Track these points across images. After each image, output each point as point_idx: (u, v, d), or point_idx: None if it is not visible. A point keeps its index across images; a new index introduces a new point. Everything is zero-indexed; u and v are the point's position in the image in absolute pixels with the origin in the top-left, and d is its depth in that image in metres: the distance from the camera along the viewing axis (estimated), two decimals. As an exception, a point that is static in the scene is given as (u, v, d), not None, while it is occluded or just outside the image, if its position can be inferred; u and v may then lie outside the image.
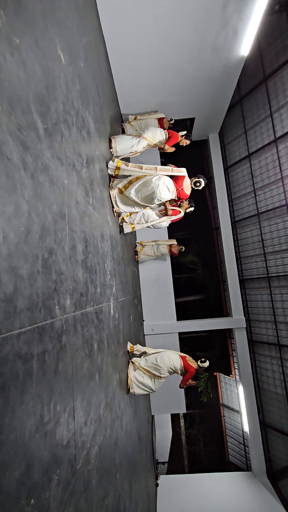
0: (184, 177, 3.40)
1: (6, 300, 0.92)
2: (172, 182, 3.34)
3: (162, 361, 3.59)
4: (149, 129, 3.75)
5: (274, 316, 6.27)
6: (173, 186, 3.34)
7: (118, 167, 3.25)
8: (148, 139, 3.64)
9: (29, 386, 1.02)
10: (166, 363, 3.58)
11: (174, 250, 6.71)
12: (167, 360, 3.59)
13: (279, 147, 5.93)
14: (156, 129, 3.79)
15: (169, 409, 7.16)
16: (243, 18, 4.15)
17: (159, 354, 3.69)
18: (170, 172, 3.34)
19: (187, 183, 3.44)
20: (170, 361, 3.59)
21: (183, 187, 3.39)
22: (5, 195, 0.97)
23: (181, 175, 3.39)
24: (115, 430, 2.43)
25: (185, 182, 3.40)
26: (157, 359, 3.62)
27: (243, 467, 7.45)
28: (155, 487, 6.24)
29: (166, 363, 3.58)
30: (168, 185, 3.28)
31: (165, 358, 3.61)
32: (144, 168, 3.26)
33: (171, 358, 3.62)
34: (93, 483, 1.69)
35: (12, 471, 0.87)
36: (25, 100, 1.20)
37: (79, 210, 1.92)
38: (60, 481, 1.21)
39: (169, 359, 3.61)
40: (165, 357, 3.62)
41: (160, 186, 3.22)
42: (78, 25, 2.40)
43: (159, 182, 3.22)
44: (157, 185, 3.22)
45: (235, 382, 7.70)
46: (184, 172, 3.39)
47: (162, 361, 3.59)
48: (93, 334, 2.01)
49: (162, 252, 6.80)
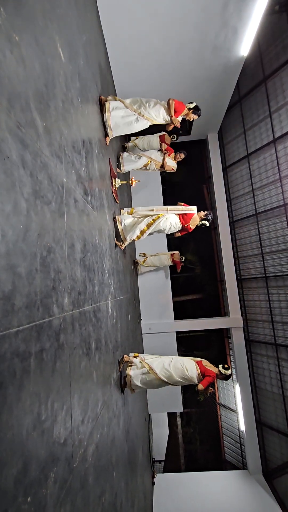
0: (193, 214, 3.52)
1: (4, 298, 0.92)
2: (179, 221, 3.51)
3: (175, 368, 3.14)
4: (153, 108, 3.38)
5: (271, 316, 6.30)
6: (180, 224, 3.53)
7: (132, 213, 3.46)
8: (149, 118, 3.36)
9: (26, 384, 1.02)
10: (179, 371, 3.11)
11: (176, 258, 6.70)
12: (180, 367, 3.13)
13: (278, 148, 5.95)
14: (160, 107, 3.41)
15: (166, 408, 7.19)
16: (243, 18, 4.15)
17: (171, 360, 3.22)
18: (180, 211, 3.47)
19: (195, 220, 3.55)
20: (184, 369, 3.11)
21: (190, 223, 3.53)
22: (3, 192, 0.97)
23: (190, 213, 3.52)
24: (112, 429, 2.44)
25: (193, 219, 3.53)
26: (170, 364, 3.16)
27: (239, 466, 7.50)
28: (151, 485, 6.26)
29: (179, 371, 3.11)
30: (174, 225, 3.49)
31: (178, 365, 3.15)
32: (155, 210, 3.47)
33: (185, 366, 3.14)
34: (90, 481, 1.70)
35: (9, 469, 0.87)
36: (25, 97, 1.20)
37: (78, 209, 1.91)
38: (57, 479, 1.21)
39: (182, 367, 3.13)
40: (178, 364, 3.16)
41: (167, 228, 3.47)
42: (78, 23, 2.39)
43: (166, 225, 3.44)
44: (164, 228, 3.47)
45: (232, 381, 7.74)
46: (194, 210, 3.51)
47: (175, 368, 3.14)
48: (91, 333, 2.01)
49: (163, 263, 6.80)
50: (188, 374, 3.10)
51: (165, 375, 3.13)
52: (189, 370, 3.12)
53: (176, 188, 8.78)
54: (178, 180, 8.64)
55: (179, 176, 4.81)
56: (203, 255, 9.34)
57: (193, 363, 3.21)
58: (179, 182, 8.74)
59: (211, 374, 3.07)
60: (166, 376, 3.13)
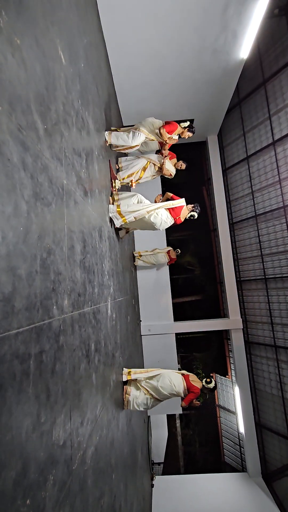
0: (183, 206, 3.54)
1: (4, 300, 0.92)
2: (169, 215, 3.50)
3: (163, 384, 3.31)
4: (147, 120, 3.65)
5: (270, 318, 6.30)
6: (171, 218, 3.51)
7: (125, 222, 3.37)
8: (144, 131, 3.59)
9: (26, 386, 1.02)
10: (167, 387, 3.29)
11: (172, 255, 6.72)
12: (168, 383, 3.30)
13: (277, 150, 5.98)
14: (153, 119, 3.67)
15: (165, 410, 7.16)
16: (242, 21, 4.18)
17: (160, 377, 3.38)
18: (171, 205, 3.48)
19: (185, 212, 3.59)
20: (171, 384, 3.30)
21: (180, 216, 3.55)
22: (4, 194, 0.97)
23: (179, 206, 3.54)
24: (111, 431, 2.43)
25: (183, 212, 3.56)
26: (157, 382, 3.33)
27: (238, 468, 7.47)
28: (150, 487, 6.24)
29: (167, 387, 3.29)
30: (165, 220, 3.47)
31: (166, 381, 3.32)
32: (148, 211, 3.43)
33: (172, 381, 3.31)
34: (89, 484, 1.69)
35: (8, 471, 0.87)
36: (25, 100, 1.20)
37: (78, 210, 1.92)
38: (56, 481, 1.21)
39: (170, 382, 3.31)
40: (166, 380, 3.32)
41: (158, 222, 3.43)
42: (78, 25, 2.41)
43: (156, 221, 3.41)
44: (155, 223, 3.44)
45: (231, 383, 7.73)
46: (182, 203, 3.54)
47: (163, 384, 3.31)
48: (91, 334, 2.01)
49: (160, 262, 6.82)
50: (175, 390, 3.29)
51: (159, 395, 3.33)
52: (177, 385, 3.30)
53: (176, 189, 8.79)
54: (177, 181, 8.65)
55: (179, 178, 4.81)
56: (202, 257, 9.35)
57: (180, 378, 3.38)
58: (179, 183, 8.76)
59: (195, 390, 3.25)
60: (159, 395, 3.33)
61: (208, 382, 3.34)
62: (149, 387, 3.34)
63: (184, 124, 3.65)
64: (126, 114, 6.08)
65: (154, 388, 3.32)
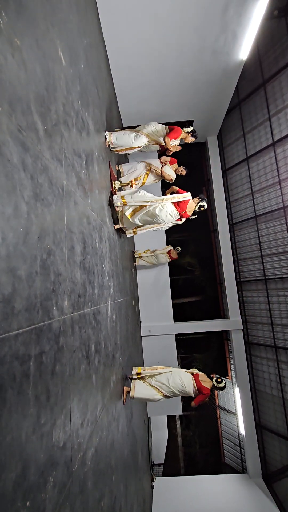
0: (188, 200, 3.51)
1: (4, 301, 0.92)
2: (174, 209, 3.47)
3: (174, 383, 3.36)
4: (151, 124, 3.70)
5: (270, 318, 6.29)
6: (176, 212, 3.48)
7: (124, 202, 3.36)
8: (146, 134, 3.62)
9: (26, 387, 1.01)
10: (178, 386, 3.34)
11: (173, 255, 6.70)
12: (179, 382, 3.35)
13: (277, 151, 5.98)
14: (156, 124, 3.71)
15: (165, 411, 7.14)
16: (242, 22, 4.19)
17: (171, 375, 3.43)
18: (176, 199, 3.45)
19: (191, 206, 3.54)
20: (182, 385, 3.33)
21: (187, 210, 3.51)
22: (4, 195, 0.97)
23: (185, 200, 3.51)
24: (111, 432, 2.43)
25: (189, 205, 3.52)
26: (168, 380, 3.38)
27: (238, 469, 7.45)
28: (150, 489, 6.22)
29: (178, 386, 3.34)
30: (171, 213, 3.43)
31: (177, 380, 3.36)
32: (150, 201, 3.40)
33: (183, 381, 3.35)
34: (89, 485, 1.69)
35: (8, 473, 0.87)
36: (26, 101, 1.20)
37: (78, 211, 1.92)
38: (56, 483, 1.20)
39: (181, 382, 3.35)
40: (177, 379, 3.37)
41: (163, 216, 3.39)
42: (78, 26, 2.41)
43: (161, 214, 3.37)
44: (161, 216, 3.40)
45: (232, 384, 7.71)
46: (188, 197, 3.51)
47: (174, 383, 3.36)
48: (91, 335, 2.01)
49: (161, 262, 6.80)
50: (186, 390, 3.34)
51: (168, 392, 3.38)
52: (187, 386, 3.34)
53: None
54: (178, 182, 8.66)
55: (179, 178, 4.79)
56: (202, 257, 9.36)
57: (190, 377, 3.40)
58: (179, 184, 8.76)
59: (205, 392, 3.28)
60: (168, 392, 3.38)
61: (219, 382, 3.34)
62: (159, 385, 3.40)
63: (187, 129, 3.69)
64: (126, 115, 6.09)
65: (164, 386, 3.37)
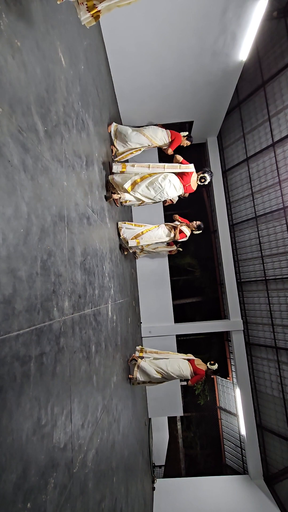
0: (192, 172, 3.33)
1: (4, 302, 0.92)
2: (178, 180, 3.27)
3: (173, 369, 3.73)
4: (150, 128, 3.74)
5: (271, 319, 6.28)
6: (180, 184, 3.28)
7: (124, 171, 3.20)
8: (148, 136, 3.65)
9: (26, 388, 1.01)
10: (176, 371, 3.72)
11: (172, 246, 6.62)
12: (177, 368, 3.73)
13: (277, 152, 5.98)
14: (157, 128, 3.75)
15: (166, 412, 7.12)
16: (241, 24, 4.20)
17: (169, 361, 3.82)
18: (178, 169, 3.25)
19: (194, 178, 3.38)
20: (180, 370, 3.73)
21: (190, 183, 3.35)
22: (4, 196, 0.97)
23: (188, 171, 3.32)
24: (112, 433, 2.42)
25: (192, 178, 3.35)
26: (167, 366, 3.75)
27: (239, 470, 7.42)
28: (151, 490, 6.20)
29: (176, 371, 3.72)
30: (174, 184, 3.23)
31: (175, 367, 3.75)
32: (151, 167, 3.18)
33: (180, 367, 3.75)
34: (90, 487, 1.68)
35: (8, 474, 0.87)
36: (26, 102, 1.21)
37: (78, 212, 1.92)
38: (56, 484, 1.20)
39: (179, 368, 3.74)
40: (175, 365, 3.76)
41: (166, 186, 3.18)
42: (78, 28, 2.42)
43: (165, 183, 3.16)
44: (163, 186, 3.18)
45: (232, 385, 7.70)
46: (192, 168, 3.32)
47: (172, 369, 3.73)
48: (91, 336, 2.01)
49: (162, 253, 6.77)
50: (183, 374, 3.76)
51: (166, 376, 3.78)
52: (184, 370, 3.77)
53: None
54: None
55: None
56: (203, 258, 9.35)
57: (187, 364, 3.84)
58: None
59: (200, 372, 3.75)
60: (166, 376, 3.78)
61: (212, 364, 3.85)
62: (158, 368, 3.75)
63: (183, 134, 3.84)
64: (126, 116, 6.10)
65: (162, 370, 3.75)
